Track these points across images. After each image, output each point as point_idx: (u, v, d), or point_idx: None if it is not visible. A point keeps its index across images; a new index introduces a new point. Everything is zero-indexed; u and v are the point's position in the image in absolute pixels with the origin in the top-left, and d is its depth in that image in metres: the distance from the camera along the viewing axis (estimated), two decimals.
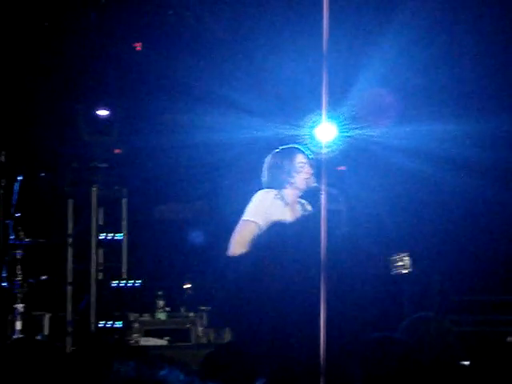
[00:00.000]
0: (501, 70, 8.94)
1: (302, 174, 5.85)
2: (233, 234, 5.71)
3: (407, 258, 5.78)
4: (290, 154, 5.91)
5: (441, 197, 9.62)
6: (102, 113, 9.04)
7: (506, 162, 9.10)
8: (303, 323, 5.05)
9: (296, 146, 5.99)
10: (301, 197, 5.95)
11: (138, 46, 9.26)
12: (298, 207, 5.94)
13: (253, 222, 5.69)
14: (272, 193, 5.81)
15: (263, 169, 5.93)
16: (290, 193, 5.87)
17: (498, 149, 9.03)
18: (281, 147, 5.97)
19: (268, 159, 5.93)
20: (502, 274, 9.68)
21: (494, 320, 9.55)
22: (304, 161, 5.87)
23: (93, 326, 8.57)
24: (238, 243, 5.66)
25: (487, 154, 8.98)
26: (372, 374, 3.71)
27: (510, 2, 8.66)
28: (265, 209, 5.73)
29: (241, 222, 5.73)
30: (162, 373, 2.89)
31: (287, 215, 5.82)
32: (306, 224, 5.46)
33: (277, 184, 5.85)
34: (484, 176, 9.27)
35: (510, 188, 9.30)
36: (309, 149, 5.99)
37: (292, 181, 5.84)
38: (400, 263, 5.78)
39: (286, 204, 5.83)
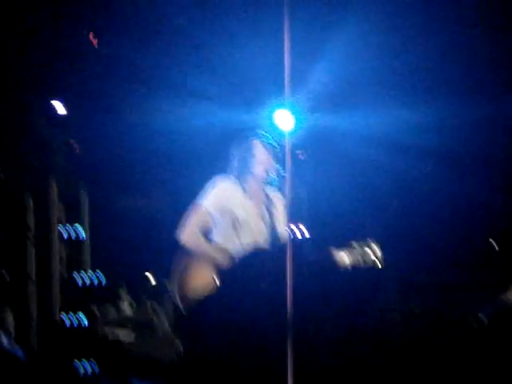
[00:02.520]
0: (467, 58, 9.01)
1: (262, 163, 5.83)
2: (184, 218, 5.66)
3: (374, 243, 5.79)
4: (249, 143, 5.88)
5: (401, 185, 9.71)
6: (59, 106, 8.96)
7: (471, 150, 9.21)
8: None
9: (259, 134, 5.95)
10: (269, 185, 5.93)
11: (95, 42, 9.18)
12: (262, 195, 5.91)
13: (202, 206, 5.64)
14: (228, 180, 5.77)
15: (228, 159, 5.91)
16: (251, 182, 5.86)
17: (462, 137, 9.12)
18: (243, 135, 5.94)
19: (230, 149, 5.91)
20: (459, 256, 9.82)
21: (458, 301, 9.70)
22: (264, 149, 5.85)
23: (57, 321, 8.51)
24: (187, 229, 5.62)
25: (450, 142, 9.07)
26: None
27: None
28: (219, 196, 5.70)
29: (193, 205, 5.68)
30: None
31: (246, 204, 5.80)
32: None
33: (239, 174, 5.83)
34: (447, 164, 9.37)
35: (472, 175, 9.42)
36: (271, 137, 5.98)
37: (252, 170, 5.83)
38: (366, 249, 5.79)
39: (245, 193, 5.80)
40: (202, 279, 5.55)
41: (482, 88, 9.10)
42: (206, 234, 5.71)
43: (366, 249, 5.77)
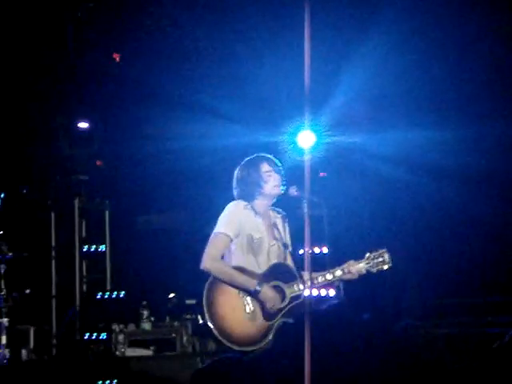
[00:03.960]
0: (478, 78, 9.02)
1: (270, 182, 5.85)
2: (206, 248, 5.72)
3: (386, 253, 5.81)
4: (255, 163, 5.89)
5: (419, 202, 9.69)
6: (82, 125, 9.04)
7: (484, 168, 9.19)
8: None
9: (261, 154, 5.98)
10: (279, 205, 5.96)
11: (117, 57, 9.26)
12: (270, 215, 5.93)
13: (224, 234, 5.70)
14: (241, 204, 5.80)
15: (233, 182, 5.93)
16: (260, 203, 5.87)
17: (477, 155, 9.11)
18: (246, 158, 5.97)
19: (236, 172, 5.93)
20: (478, 277, 9.77)
21: (477, 322, 9.63)
22: (270, 169, 5.87)
23: (78, 338, 8.54)
24: (210, 257, 5.67)
25: (465, 161, 9.05)
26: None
27: (486, 11, 8.73)
28: (235, 220, 5.73)
29: (213, 234, 5.74)
30: None
31: (259, 224, 5.82)
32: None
33: (248, 196, 5.85)
34: (462, 182, 9.36)
35: (487, 193, 9.40)
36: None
37: (262, 190, 5.85)
38: (380, 259, 5.81)
39: (257, 214, 5.83)
40: (229, 304, 5.60)
41: (507, 108, 9.11)
42: (226, 258, 5.76)
43: (386, 255, 5.79)
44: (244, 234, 5.72)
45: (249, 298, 5.59)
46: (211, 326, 5.49)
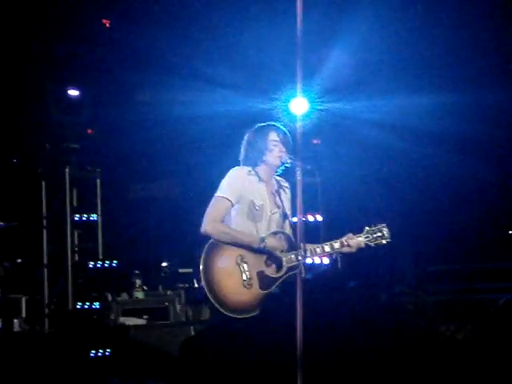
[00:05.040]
0: (472, 44, 8.95)
1: (274, 151, 5.83)
2: (206, 211, 5.70)
3: (385, 228, 5.81)
4: (263, 131, 5.88)
5: (413, 169, 9.67)
6: (73, 92, 8.94)
7: (481, 134, 9.16)
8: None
9: (272, 123, 5.94)
10: (278, 174, 5.94)
11: (107, 23, 9.15)
12: (274, 183, 5.93)
13: (225, 198, 5.69)
14: (245, 169, 5.80)
15: (241, 146, 5.91)
16: (263, 170, 5.86)
17: (473, 121, 9.07)
18: (257, 125, 5.93)
19: (245, 137, 5.91)
20: (473, 244, 9.79)
21: (469, 288, 9.66)
22: (277, 139, 5.85)
23: (70, 307, 8.52)
24: (211, 219, 5.66)
25: (460, 127, 9.01)
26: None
27: None
28: (237, 185, 5.73)
29: (213, 198, 5.72)
30: None
31: (262, 191, 5.82)
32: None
33: (250, 161, 5.84)
34: (456, 148, 9.33)
35: (482, 160, 9.37)
36: (283, 124, 5.96)
37: (264, 158, 5.83)
38: (379, 234, 5.81)
39: (261, 180, 5.83)
40: (226, 270, 5.59)
41: (499, 75, 9.06)
42: (226, 223, 5.74)
43: (385, 230, 5.79)
44: (246, 199, 5.71)
45: (246, 266, 5.59)
46: (207, 291, 5.48)
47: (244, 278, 5.59)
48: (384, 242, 5.81)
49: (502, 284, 9.21)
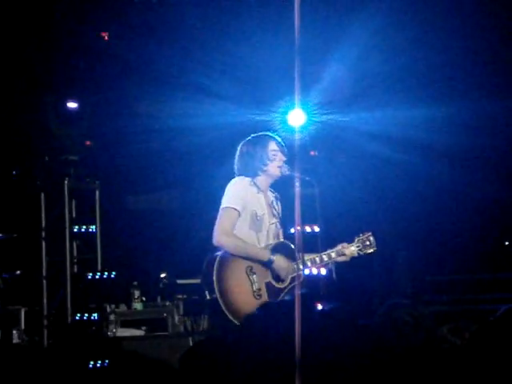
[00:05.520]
0: (470, 56, 8.99)
1: (275, 161, 5.87)
2: (216, 224, 5.73)
3: (372, 237, 5.88)
4: (263, 142, 5.91)
5: (410, 181, 9.70)
6: (71, 105, 8.98)
7: (479, 146, 9.20)
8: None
9: (269, 133, 5.98)
10: (272, 185, 5.98)
11: (106, 36, 9.19)
12: (270, 194, 5.97)
13: (233, 208, 5.73)
14: (247, 180, 5.84)
15: (236, 156, 5.93)
16: (263, 180, 5.89)
17: (468, 134, 9.10)
18: (253, 135, 5.97)
19: (240, 147, 5.93)
20: (468, 255, 9.81)
21: (467, 299, 9.67)
22: (277, 148, 5.89)
23: (69, 318, 8.53)
24: (223, 231, 5.69)
25: (457, 139, 9.05)
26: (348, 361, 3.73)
27: None
28: (242, 195, 5.77)
29: (221, 210, 5.75)
30: None
31: (262, 201, 5.85)
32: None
33: (250, 171, 5.86)
34: (453, 160, 9.37)
35: (478, 172, 9.41)
36: (281, 136, 6.00)
37: (265, 168, 5.86)
38: (367, 242, 5.87)
39: (260, 191, 5.86)
40: (238, 281, 5.62)
41: (499, 86, 9.09)
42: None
43: (367, 242, 5.86)
44: (248, 209, 5.76)
45: (255, 276, 5.63)
46: (220, 302, 5.51)
47: (254, 288, 5.63)
48: (371, 250, 5.90)
49: (499, 294, 9.24)
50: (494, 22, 8.75)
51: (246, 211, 5.76)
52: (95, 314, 8.57)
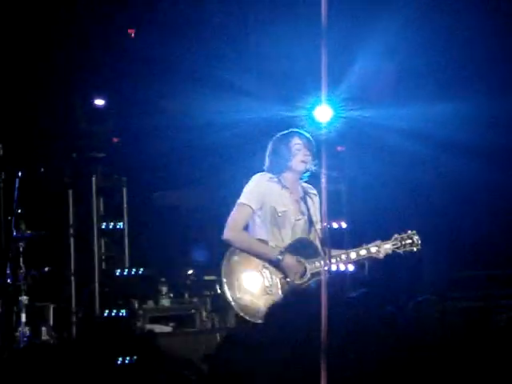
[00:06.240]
0: (503, 53, 8.92)
1: (298, 156, 5.85)
2: (228, 218, 5.74)
3: (416, 235, 5.81)
4: (286, 137, 5.91)
5: (438, 177, 9.64)
6: (99, 102, 9.02)
7: (502, 143, 9.11)
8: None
9: (295, 129, 5.97)
10: (305, 181, 5.95)
11: (132, 33, 9.22)
12: (299, 190, 5.94)
13: (246, 204, 5.72)
14: (266, 176, 5.83)
15: (265, 155, 5.95)
16: (288, 177, 5.88)
17: (499, 130, 9.02)
18: (281, 132, 5.96)
19: (269, 144, 5.94)
20: (499, 250, 9.74)
21: (495, 294, 9.60)
22: (300, 142, 5.87)
23: (97, 315, 8.58)
24: (231, 227, 5.70)
25: (486, 136, 8.97)
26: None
27: None
28: (258, 192, 5.75)
29: (236, 205, 5.76)
30: None
31: (285, 197, 5.83)
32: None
33: (276, 169, 5.86)
34: (479, 156, 9.29)
35: (505, 168, 9.33)
36: (308, 132, 5.98)
37: (289, 164, 5.85)
38: (409, 241, 5.81)
39: (284, 187, 5.83)
40: (248, 276, 5.61)
41: None
42: (249, 230, 5.76)
43: (408, 241, 5.79)
44: (267, 206, 5.75)
45: (268, 272, 5.61)
46: (228, 296, 5.51)
47: (266, 284, 5.61)
48: (414, 249, 5.81)
49: None
50: None
51: (264, 208, 5.74)
52: (123, 311, 8.61)
